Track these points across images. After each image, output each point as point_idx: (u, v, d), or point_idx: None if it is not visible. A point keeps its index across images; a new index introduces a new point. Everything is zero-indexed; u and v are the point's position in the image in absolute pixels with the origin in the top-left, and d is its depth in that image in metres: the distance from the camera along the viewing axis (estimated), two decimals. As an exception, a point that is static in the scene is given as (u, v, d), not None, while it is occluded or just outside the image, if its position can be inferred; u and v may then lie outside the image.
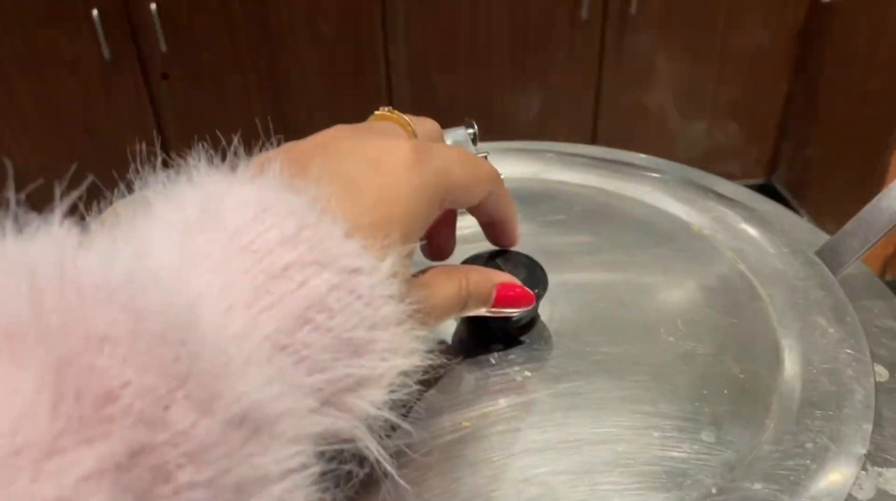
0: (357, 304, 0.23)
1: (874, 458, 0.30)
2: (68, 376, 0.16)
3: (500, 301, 0.31)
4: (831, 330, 0.34)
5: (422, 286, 0.27)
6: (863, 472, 0.29)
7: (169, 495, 0.17)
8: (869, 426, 0.30)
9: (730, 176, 0.46)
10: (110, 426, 0.16)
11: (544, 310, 0.35)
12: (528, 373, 0.33)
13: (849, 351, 0.33)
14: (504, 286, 0.31)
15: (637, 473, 0.28)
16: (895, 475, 0.30)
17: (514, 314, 0.32)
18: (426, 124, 0.33)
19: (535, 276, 0.34)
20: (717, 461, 0.29)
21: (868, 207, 0.36)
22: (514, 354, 0.33)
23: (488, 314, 0.32)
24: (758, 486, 0.27)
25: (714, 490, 0.28)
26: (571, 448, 0.29)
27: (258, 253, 0.22)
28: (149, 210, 0.23)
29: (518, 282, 0.32)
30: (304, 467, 0.20)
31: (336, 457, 0.22)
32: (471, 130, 0.43)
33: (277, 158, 0.24)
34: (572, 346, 0.34)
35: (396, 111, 0.32)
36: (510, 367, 0.33)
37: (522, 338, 0.34)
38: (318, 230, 0.23)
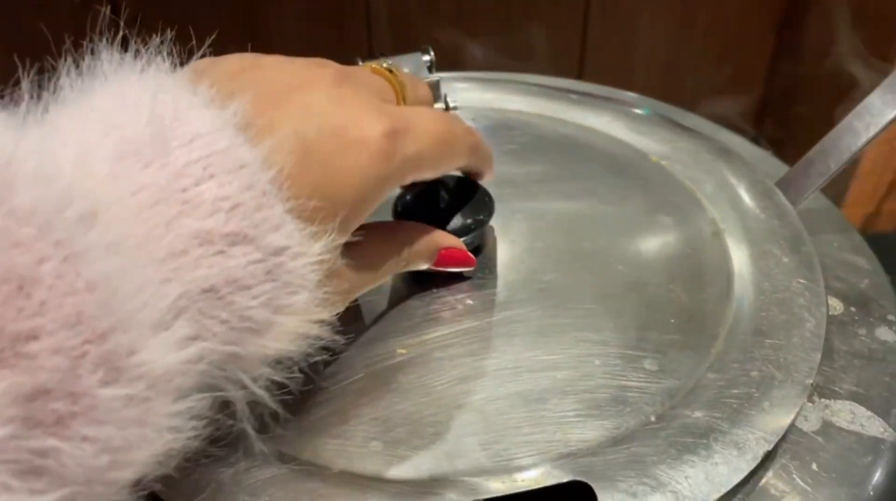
0: (269, 285, 0.21)
1: (822, 390, 0.29)
2: None
3: (442, 263, 0.31)
4: (785, 260, 0.32)
5: (353, 265, 0.26)
6: (809, 403, 0.29)
7: (63, 438, 0.17)
8: (817, 356, 0.29)
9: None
10: (22, 361, 0.16)
11: (491, 239, 0.34)
12: (469, 302, 0.32)
13: (802, 281, 0.31)
14: (447, 251, 0.31)
15: (576, 400, 0.27)
16: (842, 407, 0.29)
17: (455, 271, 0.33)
18: (420, 91, 0.32)
19: (481, 203, 0.33)
20: (658, 388, 0.28)
21: (827, 137, 0.35)
22: (456, 282, 0.32)
23: (428, 270, 0.31)
24: (698, 414, 0.27)
25: (653, 418, 0.27)
26: (509, 374, 0.28)
27: (189, 204, 0.20)
28: (91, 98, 0.22)
29: (462, 246, 0.32)
30: (190, 423, 0.20)
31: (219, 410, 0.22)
32: (427, 57, 0.41)
33: (247, 93, 0.23)
34: (517, 275, 0.33)
35: (395, 68, 0.30)
36: (452, 295, 0.32)
37: None
38: (259, 197, 0.21)
